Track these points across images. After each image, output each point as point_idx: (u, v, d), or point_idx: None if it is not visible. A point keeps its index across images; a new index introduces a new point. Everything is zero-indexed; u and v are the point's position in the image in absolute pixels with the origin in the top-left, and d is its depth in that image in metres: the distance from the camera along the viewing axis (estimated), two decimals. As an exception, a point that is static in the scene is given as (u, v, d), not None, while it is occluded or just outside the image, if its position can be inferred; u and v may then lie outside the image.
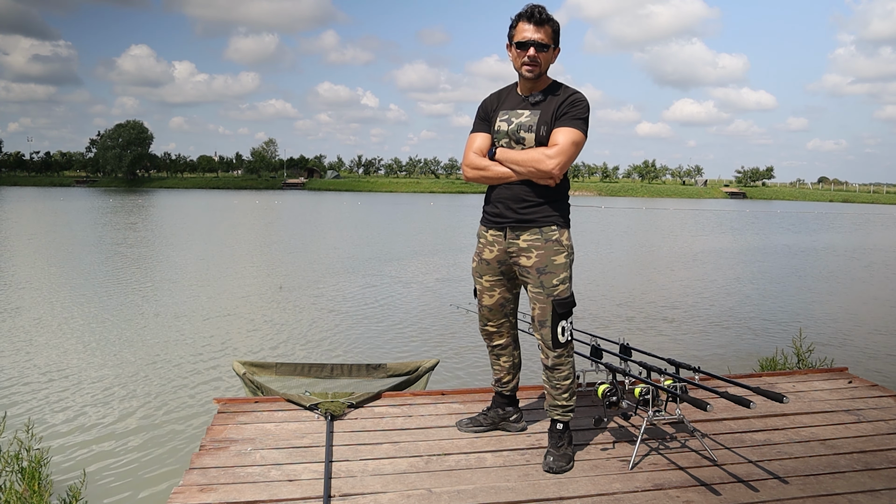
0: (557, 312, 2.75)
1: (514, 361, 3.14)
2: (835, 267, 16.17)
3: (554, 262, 2.76)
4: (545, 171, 2.70)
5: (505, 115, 2.83)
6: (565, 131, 2.71)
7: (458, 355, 7.18)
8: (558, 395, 2.87)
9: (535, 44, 2.69)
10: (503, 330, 3.05)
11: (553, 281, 2.75)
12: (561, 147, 2.69)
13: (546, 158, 2.69)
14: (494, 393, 3.22)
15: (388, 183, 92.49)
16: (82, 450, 4.70)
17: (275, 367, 4.11)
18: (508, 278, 2.93)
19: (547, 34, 2.71)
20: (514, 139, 2.79)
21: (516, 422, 3.18)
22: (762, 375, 4.17)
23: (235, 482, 2.60)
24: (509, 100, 2.87)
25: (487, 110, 2.91)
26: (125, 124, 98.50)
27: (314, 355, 7.23)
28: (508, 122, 2.81)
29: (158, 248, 17.76)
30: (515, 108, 2.82)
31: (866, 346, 8.00)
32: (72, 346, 7.45)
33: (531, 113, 2.77)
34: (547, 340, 2.80)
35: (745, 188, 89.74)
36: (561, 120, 2.73)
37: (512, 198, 2.79)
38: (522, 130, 2.76)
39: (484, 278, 2.95)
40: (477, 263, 2.97)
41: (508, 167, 2.77)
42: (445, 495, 2.52)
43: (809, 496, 2.54)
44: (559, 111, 2.73)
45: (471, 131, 2.94)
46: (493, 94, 2.95)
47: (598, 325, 8.58)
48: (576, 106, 2.73)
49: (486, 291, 2.97)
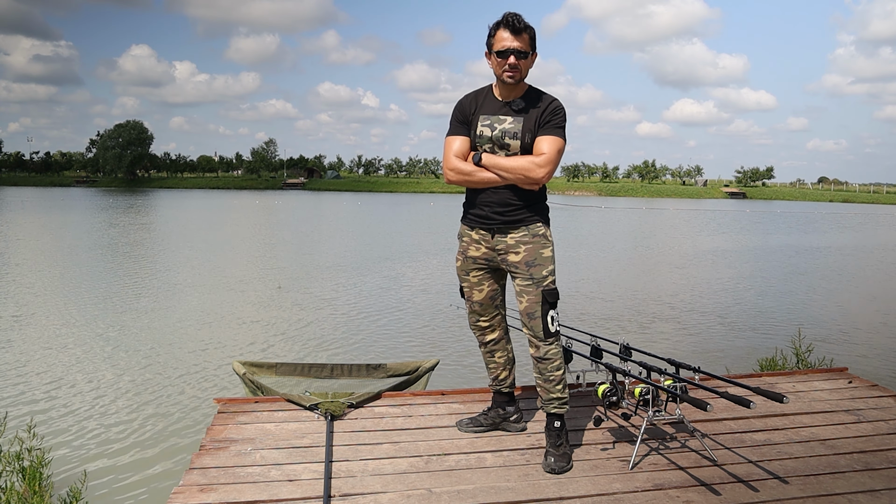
0: (547, 301, 2.82)
1: (509, 356, 3.19)
2: (834, 267, 16.17)
3: (542, 255, 2.84)
4: (535, 178, 2.78)
5: (487, 119, 2.86)
6: (550, 140, 2.78)
7: (458, 355, 7.18)
8: (552, 387, 2.89)
9: (515, 51, 2.74)
10: (495, 323, 3.10)
11: (542, 272, 2.83)
12: (549, 156, 2.77)
13: (536, 167, 2.77)
14: (493, 393, 3.23)
15: (388, 183, 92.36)
16: (83, 450, 4.70)
17: (275, 367, 4.11)
18: (494, 271, 3.00)
19: (525, 41, 2.76)
20: (499, 145, 2.83)
21: (517, 422, 3.20)
22: (762, 375, 4.18)
23: (235, 482, 2.61)
24: (488, 104, 2.89)
25: (465, 113, 2.92)
26: (125, 124, 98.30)
27: (314, 355, 7.24)
28: (491, 128, 2.85)
29: (158, 249, 17.76)
30: (497, 114, 2.85)
31: (866, 346, 8.01)
32: (72, 346, 7.46)
33: (514, 120, 2.82)
34: (538, 331, 2.84)
35: (745, 188, 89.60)
36: (544, 128, 2.80)
37: (499, 202, 2.85)
38: (507, 137, 2.82)
39: (471, 274, 3.01)
40: (462, 262, 3.02)
41: (496, 173, 2.82)
42: (445, 495, 2.53)
43: (809, 496, 2.54)
44: (542, 119, 2.80)
45: (447, 133, 2.96)
46: (470, 97, 2.96)
47: (598, 325, 8.58)
48: (556, 114, 2.82)
49: (475, 287, 3.02)
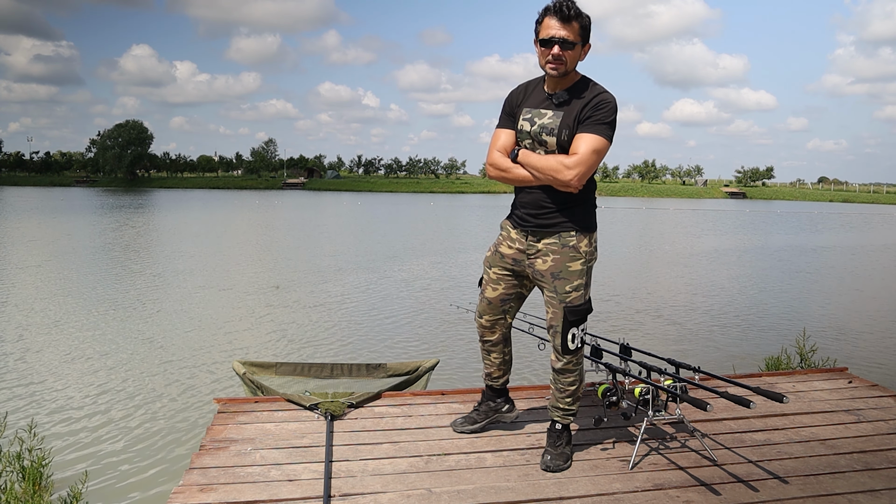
0: (568, 319, 2.71)
1: (505, 359, 3.12)
2: (834, 267, 16.17)
3: (569, 269, 2.69)
4: (563, 181, 2.60)
5: (528, 113, 2.72)
6: (587, 138, 2.58)
7: (458, 355, 7.18)
8: (561, 398, 2.87)
9: (561, 41, 2.53)
10: (496, 327, 3.01)
11: (566, 287, 2.70)
12: (580, 157, 2.56)
13: (564, 169, 2.58)
14: (485, 387, 3.21)
15: (388, 183, 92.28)
16: (82, 450, 4.70)
17: (275, 366, 4.10)
18: (516, 276, 2.87)
19: (574, 31, 2.54)
20: (537, 141, 2.68)
21: (509, 411, 3.19)
22: (762, 375, 4.17)
23: (235, 482, 2.61)
24: (534, 96, 2.74)
25: (513, 105, 2.78)
26: (124, 124, 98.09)
27: (314, 355, 7.23)
28: (531, 122, 2.70)
29: (157, 249, 17.76)
30: (539, 107, 2.70)
31: (866, 346, 8.00)
32: (71, 346, 7.46)
33: (554, 114, 2.64)
34: (557, 346, 2.79)
35: (745, 188, 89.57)
36: (584, 124, 2.59)
37: (532, 204, 2.73)
38: (545, 133, 2.65)
39: (493, 269, 2.90)
40: (492, 254, 2.92)
41: (529, 171, 2.68)
42: (445, 495, 2.52)
43: (809, 496, 2.54)
44: (583, 114, 2.59)
45: (496, 126, 2.85)
46: (520, 87, 2.82)
47: (599, 325, 8.58)
48: (600, 109, 2.59)
49: (491, 283, 2.92)
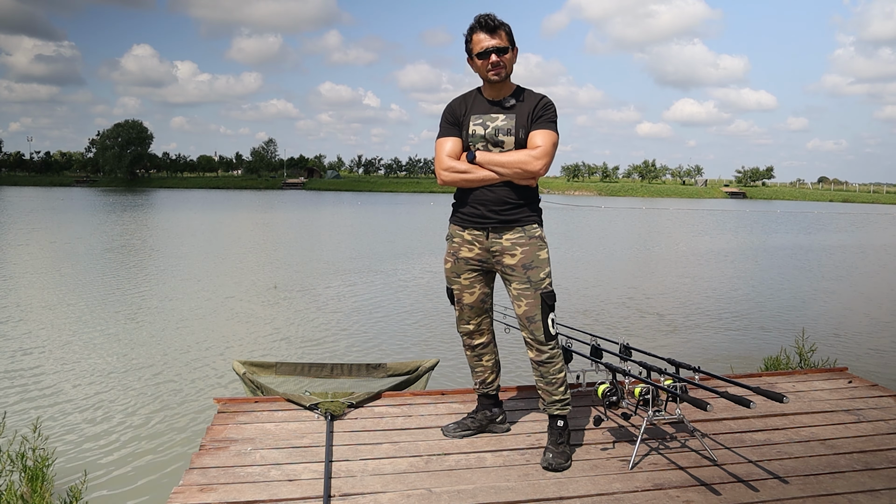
0: (547, 304, 2.83)
1: (496, 359, 3.19)
2: (833, 266, 16.17)
3: (539, 257, 2.85)
4: (532, 171, 2.80)
5: (479, 118, 2.89)
6: (545, 133, 2.82)
7: (458, 355, 7.17)
8: (555, 389, 2.90)
9: (495, 49, 2.77)
10: (484, 327, 3.10)
11: (540, 275, 2.84)
12: (545, 149, 2.80)
13: (533, 160, 2.79)
14: (479, 396, 3.23)
15: (388, 183, 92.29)
16: (83, 450, 4.70)
17: (275, 366, 4.10)
18: (485, 273, 2.99)
19: (502, 38, 2.79)
20: (492, 142, 2.86)
21: (502, 422, 3.22)
22: (762, 375, 4.18)
23: (235, 482, 2.61)
24: (478, 104, 2.92)
25: (457, 115, 2.94)
26: (124, 124, 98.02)
27: (314, 355, 7.23)
28: (484, 126, 2.87)
29: (157, 249, 17.76)
30: (489, 113, 2.88)
31: (866, 346, 8.00)
32: (71, 346, 7.46)
33: (507, 117, 2.85)
34: (539, 335, 2.84)
35: (745, 188, 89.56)
36: (537, 123, 2.83)
37: (494, 201, 2.85)
38: (501, 134, 2.84)
39: (462, 277, 2.98)
40: (452, 264, 2.99)
41: (492, 169, 2.83)
42: (445, 495, 2.53)
43: (809, 496, 2.54)
44: (534, 114, 2.84)
45: (438, 137, 2.97)
46: (458, 100, 2.99)
47: (598, 325, 8.58)
48: (548, 109, 2.85)
49: (466, 290, 2.99)
